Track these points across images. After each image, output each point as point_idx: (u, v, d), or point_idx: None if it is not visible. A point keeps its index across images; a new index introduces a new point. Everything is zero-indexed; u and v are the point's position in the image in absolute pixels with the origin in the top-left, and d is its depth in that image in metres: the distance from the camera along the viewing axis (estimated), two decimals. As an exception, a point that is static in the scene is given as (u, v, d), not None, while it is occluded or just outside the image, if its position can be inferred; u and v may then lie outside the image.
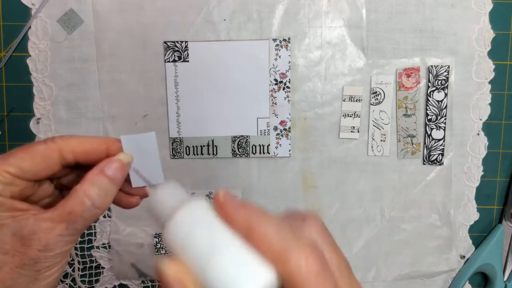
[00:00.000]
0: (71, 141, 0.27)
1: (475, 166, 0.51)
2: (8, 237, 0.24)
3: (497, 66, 0.50)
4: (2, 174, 0.25)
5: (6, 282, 0.24)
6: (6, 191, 0.25)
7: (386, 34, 0.49)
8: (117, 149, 0.28)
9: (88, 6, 0.49)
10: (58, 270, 0.26)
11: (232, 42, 0.49)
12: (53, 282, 0.26)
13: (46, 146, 0.26)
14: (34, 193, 0.28)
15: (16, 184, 0.25)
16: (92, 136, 0.28)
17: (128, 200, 0.31)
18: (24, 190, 0.26)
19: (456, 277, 0.52)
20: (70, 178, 0.30)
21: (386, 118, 0.50)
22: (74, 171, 0.30)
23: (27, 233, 0.24)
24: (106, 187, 0.26)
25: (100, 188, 0.26)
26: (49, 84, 0.50)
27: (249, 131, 0.50)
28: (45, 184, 0.29)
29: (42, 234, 0.24)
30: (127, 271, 0.52)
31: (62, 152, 0.26)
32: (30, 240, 0.24)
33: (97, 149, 0.27)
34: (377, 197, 0.51)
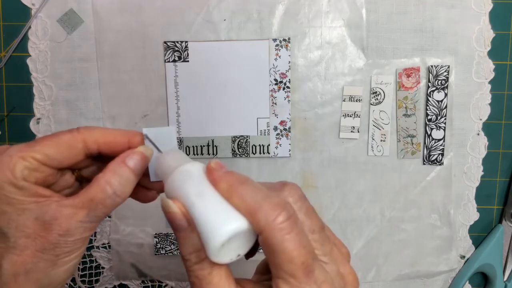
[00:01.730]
0: (95, 132, 0.28)
1: (475, 166, 0.51)
2: (30, 221, 0.25)
3: (497, 66, 0.50)
4: (29, 159, 0.25)
5: (27, 265, 0.25)
6: (31, 177, 0.26)
7: (386, 34, 0.49)
8: (138, 142, 0.29)
9: (88, 6, 0.49)
10: (77, 256, 0.27)
11: (232, 42, 0.49)
12: (71, 269, 0.27)
13: (71, 135, 0.27)
14: (56, 182, 0.28)
15: (41, 170, 0.26)
16: (115, 128, 0.29)
17: (145, 194, 0.32)
18: (47, 178, 0.27)
19: (456, 277, 0.52)
20: (90, 170, 0.31)
21: (386, 118, 0.50)
22: (95, 163, 0.31)
23: (49, 218, 0.25)
24: (127, 177, 0.27)
25: (121, 177, 0.26)
26: (49, 84, 0.50)
27: (249, 131, 0.50)
28: (66, 174, 0.30)
29: (63, 220, 0.25)
30: (127, 271, 0.52)
31: (86, 142, 0.27)
32: (51, 225, 0.25)
33: (119, 141, 0.28)
34: (377, 197, 0.51)
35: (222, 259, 0.23)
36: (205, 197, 0.23)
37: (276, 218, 0.21)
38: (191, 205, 0.23)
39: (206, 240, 0.22)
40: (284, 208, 0.22)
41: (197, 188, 0.24)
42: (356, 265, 0.52)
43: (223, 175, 0.24)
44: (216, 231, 0.22)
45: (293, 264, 0.21)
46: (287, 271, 0.21)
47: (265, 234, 0.21)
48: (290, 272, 0.21)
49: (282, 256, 0.21)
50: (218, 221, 0.22)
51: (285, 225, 0.21)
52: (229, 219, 0.22)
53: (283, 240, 0.21)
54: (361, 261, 0.52)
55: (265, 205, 0.22)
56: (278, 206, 0.22)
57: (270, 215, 0.21)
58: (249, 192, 0.22)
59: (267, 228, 0.21)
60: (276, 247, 0.21)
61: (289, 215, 0.21)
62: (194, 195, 0.24)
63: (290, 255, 0.21)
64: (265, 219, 0.21)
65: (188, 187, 0.24)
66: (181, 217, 0.23)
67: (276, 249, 0.21)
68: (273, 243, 0.21)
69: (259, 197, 0.22)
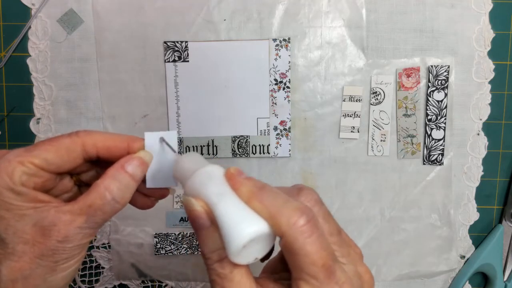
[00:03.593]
0: (94, 136, 0.28)
1: (475, 166, 0.51)
2: (29, 227, 0.25)
3: (497, 66, 0.50)
4: (27, 165, 0.25)
5: (25, 272, 0.25)
6: (29, 182, 0.25)
7: (386, 34, 0.49)
8: (138, 147, 0.29)
9: (88, 6, 0.49)
10: (76, 263, 0.27)
11: (232, 42, 0.49)
12: (70, 275, 0.27)
13: (70, 139, 0.27)
14: (54, 186, 0.28)
15: (40, 175, 0.26)
16: (114, 133, 0.29)
17: (144, 200, 0.32)
18: (46, 183, 0.27)
19: (456, 277, 0.52)
20: (89, 175, 0.31)
21: (386, 118, 0.50)
22: (94, 168, 0.31)
23: (48, 224, 0.25)
24: (126, 183, 0.26)
25: (120, 183, 0.26)
26: (49, 84, 0.50)
27: (249, 131, 0.50)
28: (65, 179, 0.29)
29: (62, 226, 0.25)
30: (127, 271, 0.52)
31: (85, 146, 0.27)
32: (50, 231, 0.25)
33: (118, 146, 0.28)
34: (377, 197, 0.51)
35: (241, 260, 0.23)
36: (228, 199, 0.24)
37: (297, 222, 0.22)
38: (214, 205, 0.24)
39: (228, 240, 0.23)
40: (304, 211, 0.22)
41: (220, 189, 0.24)
42: (356, 265, 0.52)
43: (243, 181, 0.24)
44: (238, 232, 0.22)
45: (315, 266, 0.21)
46: (309, 273, 0.22)
47: (287, 237, 0.22)
48: (312, 274, 0.21)
49: (304, 258, 0.21)
50: (241, 223, 0.23)
51: (306, 228, 0.22)
52: (251, 221, 0.23)
53: (305, 243, 0.21)
54: (361, 261, 0.52)
55: (286, 209, 0.22)
56: (298, 210, 0.22)
57: (291, 218, 0.22)
58: (269, 197, 0.23)
59: (289, 231, 0.22)
60: (298, 250, 0.21)
61: (309, 219, 0.22)
62: (217, 195, 0.24)
63: (312, 257, 0.21)
64: (286, 223, 0.22)
65: (211, 188, 0.24)
66: (204, 215, 0.24)
67: (298, 252, 0.21)
68: (295, 246, 0.21)
69: (279, 202, 0.23)
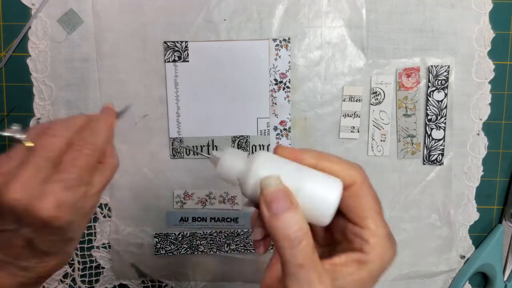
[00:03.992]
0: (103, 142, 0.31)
1: (475, 166, 0.51)
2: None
3: (497, 66, 0.50)
4: None
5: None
6: None
7: (386, 34, 0.49)
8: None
9: (88, 6, 0.49)
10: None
11: (232, 42, 0.49)
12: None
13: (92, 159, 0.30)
14: None
15: None
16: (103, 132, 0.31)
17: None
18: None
19: (456, 277, 0.52)
20: None
21: (386, 118, 0.50)
22: None
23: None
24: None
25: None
26: (49, 84, 0.50)
27: (249, 131, 0.50)
28: None
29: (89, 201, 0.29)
30: (127, 271, 0.52)
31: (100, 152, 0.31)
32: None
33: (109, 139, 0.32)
34: (377, 197, 0.51)
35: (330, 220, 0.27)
36: (306, 173, 0.26)
37: (363, 171, 0.28)
38: (298, 180, 0.26)
39: (321, 207, 0.26)
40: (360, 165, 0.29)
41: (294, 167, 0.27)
42: (356, 265, 0.52)
43: (304, 151, 0.28)
44: (330, 196, 0.26)
45: (378, 205, 0.28)
46: (375, 209, 0.28)
47: (359, 183, 0.27)
48: (378, 210, 0.28)
49: (371, 199, 0.28)
50: (328, 189, 0.26)
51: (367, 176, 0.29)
52: (334, 184, 0.26)
53: (369, 186, 0.28)
54: (361, 261, 0.52)
55: (351, 163, 0.28)
56: (357, 164, 0.28)
57: (359, 168, 0.28)
58: (332, 156, 0.28)
59: (360, 178, 0.28)
60: (368, 192, 0.28)
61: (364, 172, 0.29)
62: (296, 176, 0.26)
63: (376, 197, 0.28)
64: (357, 172, 0.28)
65: (286, 167, 0.26)
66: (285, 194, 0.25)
67: (368, 193, 0.28)
68: (365, 190, 0.28)
69: (340, 159, 0.28)
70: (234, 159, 0.27)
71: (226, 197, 0.51)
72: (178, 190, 0.51)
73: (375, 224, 0.27)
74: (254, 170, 0.26)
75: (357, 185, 0.27)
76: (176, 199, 0.51)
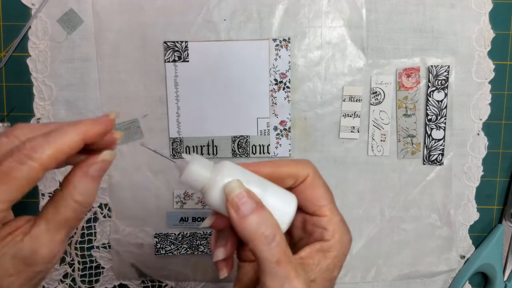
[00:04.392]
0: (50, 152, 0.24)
1: (475, 166, 0.51)
2: (9, 263, 0.24)
3: (497, 66, 0.50)
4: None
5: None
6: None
7: (386, 34, 0.49)
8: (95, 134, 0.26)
9: (88, 6, 0.49)
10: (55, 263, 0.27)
11: (232, 42, 0.49)
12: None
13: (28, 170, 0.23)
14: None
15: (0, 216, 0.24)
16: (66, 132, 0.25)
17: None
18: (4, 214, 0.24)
19: (456, 277, 0.52)
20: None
21: (386, 118, 0.50)
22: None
23: (28, 253, 0.24)
24: (91, 188, 0.26)
25: (86, 191, 0.26)
26: (49, 84, 0.50)
27: (249, 131, 0.50)
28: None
29: (44, 249, 0.24)
30: (127, 271, 0.52)
31: (45, 167, 0.24)
32: (33, 259, 0.24)
33: (76, 147, 0.25)
34: (377, 197, 0.51)
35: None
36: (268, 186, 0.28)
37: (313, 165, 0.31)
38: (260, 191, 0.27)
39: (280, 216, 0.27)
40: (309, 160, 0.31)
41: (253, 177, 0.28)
42: (356, 265, 0.52)
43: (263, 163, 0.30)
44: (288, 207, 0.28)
45: (330, 194, 0.30)
46: (328, 198, 0.30)
47: (312, 175, 0.30)
48: (330, 199, 0.30)
49: (324, 188, 0.30)
50: (288, 200, 0.28)
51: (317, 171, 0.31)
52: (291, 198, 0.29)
53: (321, 177, 0.31)
54: (361, 261, 0.52)
55: (304, 160, 0.31)
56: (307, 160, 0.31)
57: (310, 163, 0.30)
58: (285, 160, 0.32)
59: (312, 171, 0.30)
60: (320, 182, 0.30)
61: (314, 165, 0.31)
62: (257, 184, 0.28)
63: (328, 187, 0.30)
64: (309, 166, 0.30)
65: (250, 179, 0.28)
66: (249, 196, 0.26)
67: (321, 184, 0.30)
68: (318, 180, 0.30)
69: (298, 161, 0.30)
70: (201, 167, 0.27)
71: (226, 197, 0.51)
72: (178, 190, 0.51)
73: (331, 211, 0.29)
74: (220, 179, 0.27)
75: (311, 177, 0.30)
76: (176, 199, 0.51)
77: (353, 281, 0.52)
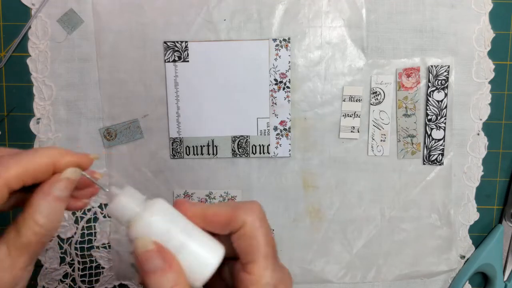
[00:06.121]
0: (16, 170, 0.24)
1: (475, 166, 0.51)
2: None
3: (497, 66, 0.50)
4: None
5: None
6: None
7: (386, 34, 0.49)
8: (65, 163, 0.26)
9: (88, 6, 0.49)
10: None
11: (232, 42, 0.49)
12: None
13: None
14: None
15: None
16: (35, 153, 0.25)
17: (75, 204, 0.29)
18: None
19: (456, 277, 0.52)
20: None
21: (386, 118, 0.50)
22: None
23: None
24: (55, 209, 0.25)
25: (49, 212, 0.24)
26: (49, 84, 0.50)
27: (249, 131, 0.50)
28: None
29: (5, 275, 0.23)
30: (127, 271, 0.52)
31: (9, 185, 0.24)
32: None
33: (44, 170, 0.25)
34: (377, 197, 0.51)
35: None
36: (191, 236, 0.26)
37: (255, 209, 0.26)
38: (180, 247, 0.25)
39: (195, 272, 0.25)
40: (256, 203, 0.27)
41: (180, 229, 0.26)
42: (356, 265, 0.52)
43: (193, 205, 0.27)
44: (206, 265, 0.25)
45: (268, 247, 0.26)
46: (263, 252, 0.25)
47: (247, 224, 0.25)
48: (265, 254, 0.25)
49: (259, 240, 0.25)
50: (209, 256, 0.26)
51: (262, 216, 0.26)
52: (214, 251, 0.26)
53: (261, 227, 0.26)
54: (361, 261, 0.52)
55: (244, 203, 0.27)
56: (254, 202, 0.27)
57: (251, 207, 0.26)
58: (220, 207, 0.27)
59: (248, 218, 0.26)
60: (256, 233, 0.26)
61: (261, 212, 0.26)
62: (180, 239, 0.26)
63: (266, 238, 0.26)
64: (245, 212, 0.26)
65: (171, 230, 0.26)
66: (159, 255, 0.24)
67: (255, 235, 0.25)
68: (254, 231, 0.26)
69: (231, 207, 0.26)
70: (130, 201, 0.26)
71: (226, 197, 0.51)
72: (178, 190, 0.51)
73: (261, 270, 0.25)
74: (148, 216, 0.26)
75: (248, 226, 0.25)
76: (176, 199, 0.51)
77: (353, 281, 0.52)
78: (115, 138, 0.50)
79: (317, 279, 0.52)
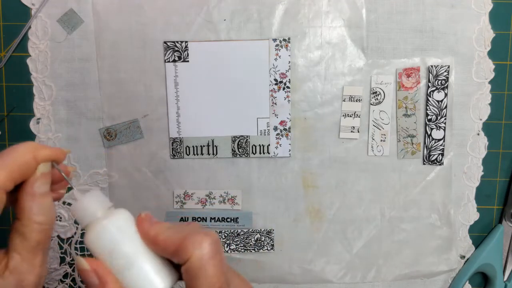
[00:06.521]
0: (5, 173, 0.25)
1: (475, 166, 0.51)
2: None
3: (497, 66, 0.50)
4: None
5: None
6: None
7: (386, 34, 0.49)
8: (43, 156, 0.27)
9: (88, 6, 0.49)
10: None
11: (232, 42, 0.49)
12: None
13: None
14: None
15: None
16: (17, 151, 0.26)
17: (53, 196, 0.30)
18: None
19: (456, 277, 0.52)
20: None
21: (386, 118, 0.50)
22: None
23: (15, 285, 0.25)
24: (45, 203, 0.27)
25: (42, 208, 0.26)
26: (49, 84, 0.50)
27: (249, 131, 0.50)
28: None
29: (30, 276, 0.25)
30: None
31: (5, 189, 0.25)
32: (22, 286, 0.25)
33: (30, 165, 0.26)
34: (377, 197, 0.51)
35: None
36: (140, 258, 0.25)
37: (202, 243, 0.24)
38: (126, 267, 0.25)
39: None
40: (209, 234, 0.25)
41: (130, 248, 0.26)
42: (356, 265, 0.52)
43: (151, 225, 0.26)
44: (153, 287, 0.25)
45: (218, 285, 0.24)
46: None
47: (192, 260, 0.24)
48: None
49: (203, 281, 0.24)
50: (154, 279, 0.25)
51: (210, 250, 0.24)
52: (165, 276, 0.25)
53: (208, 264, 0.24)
54: (361, 261, 0.52)
55: (193, 234, 0.25)
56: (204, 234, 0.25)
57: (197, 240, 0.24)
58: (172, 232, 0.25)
59: (194, 253, 0.24)
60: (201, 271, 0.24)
61: (214, 241, 0.24)
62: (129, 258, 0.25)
63: (211, 280, 0.24)
64: (192, 245, 0.24)
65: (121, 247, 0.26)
66: (94, 275, 0.25)
67: (200, 274, 0.24)
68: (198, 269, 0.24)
69: (186, 230, 0.25)
70: (90, 206, 0.27)
71: (226, 197, 0.51)
72: (178, 190, 0.51)
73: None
74: (101, 227, 0.26)
75: (193, 262, 0.24)
76: (176, 199, 0.51)
77: (353, 281, 0.52)
78: (115, 138, 0.50)
79: (317, 279, 0.52)
